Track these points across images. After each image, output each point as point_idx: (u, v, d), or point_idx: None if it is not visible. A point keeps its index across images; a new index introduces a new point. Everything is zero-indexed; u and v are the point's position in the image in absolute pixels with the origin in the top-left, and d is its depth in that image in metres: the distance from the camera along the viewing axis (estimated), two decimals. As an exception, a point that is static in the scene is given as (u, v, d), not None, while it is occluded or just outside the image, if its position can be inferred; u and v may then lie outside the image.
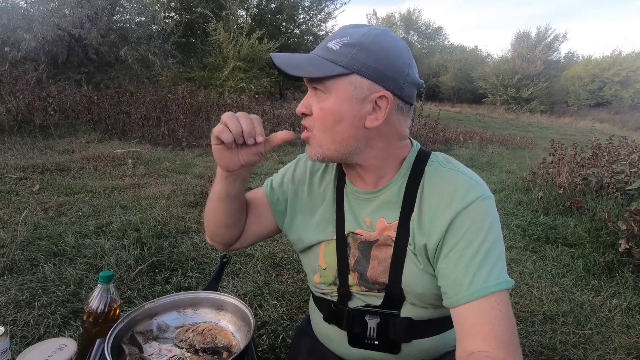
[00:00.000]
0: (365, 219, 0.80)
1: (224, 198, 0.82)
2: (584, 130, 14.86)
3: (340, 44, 0.68)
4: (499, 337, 0.61)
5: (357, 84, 0.68)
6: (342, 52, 0.67)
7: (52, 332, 1.34)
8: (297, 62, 0.70)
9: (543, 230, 2.86)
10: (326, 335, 0.90)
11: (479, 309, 0.64)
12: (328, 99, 0.69)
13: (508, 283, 0.66)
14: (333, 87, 0.68)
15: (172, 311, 0.99)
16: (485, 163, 6.33)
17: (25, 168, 3.29)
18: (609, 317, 1.80)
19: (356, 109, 0.69)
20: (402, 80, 0.70)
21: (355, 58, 0.66)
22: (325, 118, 0.70)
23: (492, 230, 0.69)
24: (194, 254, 2.04)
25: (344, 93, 0.68)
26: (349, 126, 0.70)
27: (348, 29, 0.70)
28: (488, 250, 0.67)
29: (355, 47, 0.67)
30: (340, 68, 0.67)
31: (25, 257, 1.82)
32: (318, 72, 0.67)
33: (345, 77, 0.67)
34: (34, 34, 7.24)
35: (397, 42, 0.71)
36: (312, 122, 0.72)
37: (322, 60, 0.68)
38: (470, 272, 0.66)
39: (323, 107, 0.70)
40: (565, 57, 31.62)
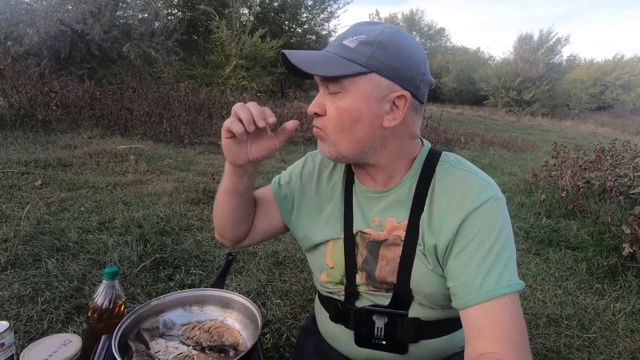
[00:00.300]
0: (374, 218, 0.79)
1: (231, 193, 0.81)
2: (585, 133, 14.86)
3: (357, 42, 0.66)
4: (509, 339, 0.60)
5: (376, 83, 0.67)
6: (360, 50, 0.66)
7: (56, 327, 1.33)
8: (314, 60, 0.67)
9: (546, 233, 2.86)
10: (332, 335, 0.90)
11: (489, 311, 0.63)
12: (345, 98, 0.67)
13: (519, 285, 0.65)
14: (351, 86, 0.66)
15: (178, 308, 0.99)
16: (487, 165, 6.32)
17: (28, 163, 3.28)
18: (613, 321, 1.80)
19: (375, 109, 0.68)
20: (419, 80, 0.70)
21: (373, 56, 0.65)
22: (342, 118, 0.68)
23: (504, 232, 0.68)
24: (197, 251, 2.04)
25: (362, 92, 0.67)
26: (367, 126, 0.69)
27: (362, 26, 0.69)
28: (499, 251, 0.66)
29: (373, 46, 0.65)
30: (359, 67, 0.65)
31: (28, 252, 1.81)
32: (337, 71, 0.65)
33: (364, 75, 0.66)
34: (36, 28, 7.23)
35: (413, 41, 0.70)
36: (326, 123, 0.71)
37: (340, 59, 0.66)
38: (481, 274, 0.65)
39: (340, 107, 0.68)
40: (567, 60, 31.64)
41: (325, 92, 0.70)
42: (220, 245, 2.12)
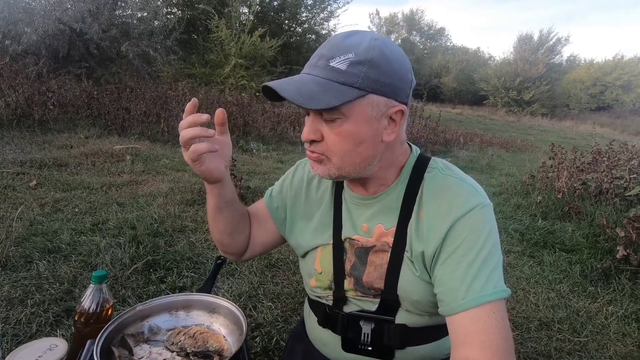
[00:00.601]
0: (363, 224, 0.79)
1: (220, 208, 0.82)
2: (584, 134, 14.87)
3: (347, 63, 0.63)
4: (494, 346, 0.61)
5: (374, 103, 0.65)
6: (352, 72, 0.63)
7: (44, 330, 1.33)
8: (308, 91, 0.63)
9: (541, 235, 2.85)
10: (320, 339, 0.90)
11: (475, 318, 0.63)
12: (345, 123, 0.65)
13: (505, 292, 0.66)
14: (350, 111, 0.64)
15: (164, 313, 0.98)
16: (485, 166, 6.32)
17: (23, 163, 3.28)
18: (605, 325, 1.79)
19: (375, 128, 0.67)
20: (409, 89, 0.70)
21: (368, 77, 0.63)
22: (345, 143, 0.67)
23: (490, 239, 0.68)
24: (189, 253, 2.03)
25: (362, 115, 0.65)
26: (369, 145, 0.68)
27: (344, 41, 0.66)
28: (485, 258, 0.66)
29: (365, 65, 0.63)
30: (357, 90, 0.63)
31: (19, 254, 1.81)
32: (337, 100, 0.62)
33: (363, 98, 0.64)
34: (35, 27, 7.21)
35: (398, 50, 0.69)
36: (325, 149, 0.68)
37: (334, 85, 0.63)
38: (467, 281, 0.65)
39: (341, 132, 0.66)
40: (567, 61, 31.62)
41: (318, 118, 0.67)
42: (213, 247, 2.12)
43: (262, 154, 5.17)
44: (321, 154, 0.69)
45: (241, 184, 3.14)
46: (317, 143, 0.69)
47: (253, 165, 4.39)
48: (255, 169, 4.21)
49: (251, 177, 3.82)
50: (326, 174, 0.71)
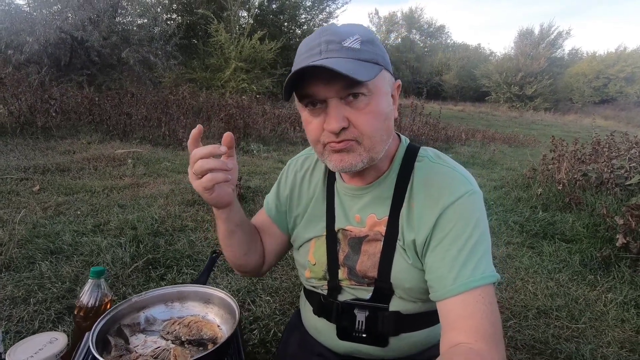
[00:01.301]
0: (356, 215, 0.80)
1: (232, 231, 0.83)
2: (588, 127, 14.73)
3: (358, 42, 0.65)
4: (481, 330, 0.62)
5: (387, 78, 0.70)
6: (366, 50, 0.66)
7: (47, 327, 1.36)
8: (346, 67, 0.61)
9: (541, 226, 2.85)
10: (315, 328, 0.91)
11: (463, 303, 0.65)
12: (372, 100, 0.67)
13: (493, 277, 0.67)
14: (374, 86, 0.66)
15: (160, 304, 1.00)
16: (487, 161, 6.31)
17: (27, 169, 3.33)
18: (604, 312, 1.79)
19: (390, 102, 0.71)
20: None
21: (378, 54, 0.67)
22: (378, 120, 0.68)
23: (479, 226, 0.70)
24: (189, 251, 2.06)
25: (382, 89, 0.68)
26: (391, 120, 0.72)
27: (342, 27, 0.68)
28: (474, 245, 0.68)
29: (371, 44, 0.67)
30: (377, 66, 0.66)
31: (22, 255, 1.84)
32: (372, 74, 0.64)
33: (380, 73, 0.67)
34: (36, 36, 7.32)
35: None
36: (356, 133, 0.67)
37: (358, 62, 0.64)
38: (456, 267, 0.67)
39: (370, 110, 0.66)
40: (569, 54, 31.45)
41: (339, 103, 0.66)
42: (213, 245, 2.14)
43: (262, 154, 5.20)
44: (351, 139, 0.67)
45: (241, 184, 3.16)
46: (345, 131, 0.66)
47: (253, 165, 4.42)
48: (255, 169, 4.23)
49: (251, 177, 3.85)
50: (358, 161, 0.69)
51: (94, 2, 8.04)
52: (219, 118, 6.29)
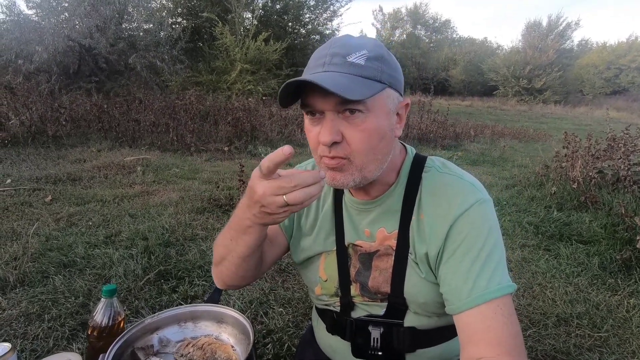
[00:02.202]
0: (365, 229, 0.79)
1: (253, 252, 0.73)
2: (600, 119, 14.45)
3: (364, 58, 0.64)
4: (502, 343, 0.60)
5: (391, 97, 0.68)
6: (371, 66, 0.64)
7: (61, 344, 1.36)
8: (341, 84, 0.60)
9: (557, 227, 2.79)
10: (329, 346, 0.90)
11: (481, 315, 0.63)
12: (368, 117, 0.64)
13: (510, 288, 0.65)
14: (373, 104, 0.64)
15: (173, 325, 0.99)
16: (497, 158, 6.22)
17: (39, 179, 3.37)
18: (627, 318, 1.74)
19: (391, 122, 0.69)
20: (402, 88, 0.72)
21: (384, 71, 0.65)
22: (371, 139, 0.65)
23: (492, 235, 0.68)
24: (200, 261, 2.05)
25: (383, 108, 0.66)
26: (388, 141, 0.69)
27: (352, 41, 0.67)
28: (488, 255, 0.66)
29: (379, 60, 0.65)
30: (379, 84, 0.64)
31: (36, 269, 1.85)
32: (369, 92, 0.62)
33: (383, 91, 0.65)
34: (45, 46, 7.42)
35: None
36: (348, 150, 0.65)
37: (358, 78, 0.63)
38: (470, 279, 0.65)
39: (365, 128, 0.64)
40: (578, 45, 30.86)
41: (335, 117, 0.64)
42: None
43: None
44: (343, 157, 0.65)
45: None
46: (338, 145, 0.64)
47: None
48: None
49: (260, 182, 3.84)
50: (349, 181, 0.67)
51: (100, 10, 8.12)
52: (226, 122, 6.30)
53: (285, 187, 0.57)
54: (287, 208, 0.58)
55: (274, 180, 0.58)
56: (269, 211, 0.60)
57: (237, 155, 5.22)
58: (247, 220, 0.66)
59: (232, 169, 4.27)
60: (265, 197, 0.58)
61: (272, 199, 0.58)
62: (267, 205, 0.59)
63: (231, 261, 0.77)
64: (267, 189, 0.58)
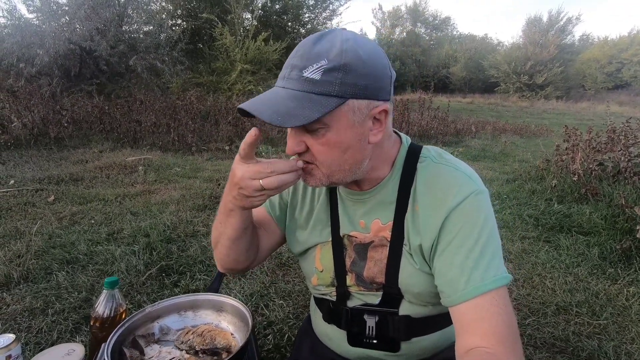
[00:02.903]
0: (360, 220, 0.79)
1: (242, 234, 0.78)
2: (602, 114, 14.37)
3: (321, 72, 0.60)
4: (497, 333, 0.61)
5: (355, 109, 0.63)
6: (328, 80, 0.60)
7: (65, 337, 1.38)
8: (285, 109, 0.60)
9: (557, 219, 2.79)
10: (326, 335, 0.91)
11: (477, 307, 0.63)
12: (328, 133, 0.63)
13: (505, 279, 0.65)
14: (331, 119, 0.62)
15: (173, 314, 1.01)
16: (498, 153, 6.20)
17: (42, 180, 3.40)
18: (626, 306, 1.74)
19: (359, 132, 0.65)
20: (389, 85, 0.67)
21: (344, 83, 0.61)
22: (332, 152, 0.65)
23: (487, 226, 0.68)
24: (202, 256, 2.07)
25: (344, 122, 0.63)
26: (357, 150, 0.67)
27: (315, 47, 0.62)
28: (483, 247, 0.66)
29: (339, 71, 0.60)
30: (335, 99, 0.60)
31: (39, 266, 1.88)
32: (316, 113, 0.59)
33: (342, 105, 0.62)
34: (46, 49, 7.46)
35: (372, 47, 0.65)
36: (313, 158, 0.67)
37: (311, 96, 0.60)
38: (466, 271, 0.65)
39: (325, 142, 0.64)
40: (579, 40, 30.64)
41: (300, 130, 0.65)
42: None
43: (271, 156, 5.22)
44: (309, 162, 0.67)
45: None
46: (304, 153, 0.67)
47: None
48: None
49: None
50: (318, 184, 0.70)
51: (100, 12, 8.16)
52: (226, 121, 6.32)
53: (262, 172, 0.62)
54: (263, 192, 0.64)
55: (253, 164, 0.64)
56: (246, 194, 0.65)
57: (238, 154, 5.23)
58: (229, 203, 0.70)
59: (233, 167, 4.28)
60: (243, 180, 0.63)
61: (250, 182, 0.63)
62: (244, 187, 0.64)
63: (223, 244, 0.81)
64: (246, 172, 0.63)
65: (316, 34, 0.64)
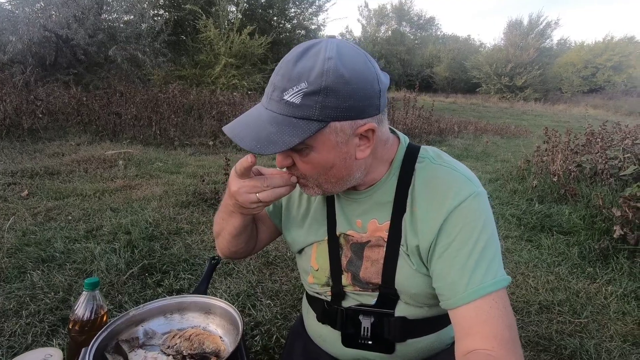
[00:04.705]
0: (357, 220, 0.78)
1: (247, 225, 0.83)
2: (577, 116, 14.89)
3: (301, 95, 0.58)
4: (498, 336, 0.60)
5: (337, 130, 0.62)
6: (307, 104, 0.59)
7: (40, 340, 1.31)
8: (266, 135, 0.60)
9: (538, 219, 2.86)
10: (320, 335, 0.89)
11: (477, 310, 0.63)
12: (312, 152, 0.64)
13: (505, 281, 0.65)
14: (314, 141, 0.62)
15: (159, 317, 0.97)
16: (480, 153, 6.33)
17: (14, 173, 3.24)
18: (605, 304, 1.80)
19: (344, 151, 0.64)
20: (377, 99, 0.64)
21: (325, 106, 0.59)
22: (317, 169, 0.66)
23: (486, 228, 0.67)
24: (186, 255, 2.02)
25: (326, 144, 0.63)
26: (342, 167, 0.67)
27: (295, 68, 0.59)
28: (483, 249, 0.66)
29: (320, 94, 0.58)
30: (316, 123, 0.59)
31: (12, 265, 1.78)
32: (296, 138, 0.59)
33: (324, 128, 0.61)
34: (20, 35, 7.13)
35: (356, 63, 0.61)
36: (301, 173, 0.69)
37: (291, 120, 0.59)
38: (466, 273, 0.65)
39: (309, 161, 0.65)
40: (558, 44, 31.60)
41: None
42: (210, 248, 2.10)
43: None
44: (299, 176, 0.70)
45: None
46: (292, 167, 0.69)
47: (247, 164, 4.37)
48: (250, 167, 4.18)
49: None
50: (313, 194, 0.73)
51: (78, -1, 7.85)
52: (210, 116, 6.20)
53: (258, 187, 0.68)
54: (260, 203, 0.70)
55: (249, 179, 0.69)
56: (243, 205, 0.70)
57: (223, 150, 5.15)
58: (229, 206, 0.76)
59: (218, 163, 4.21)
60: (239, 194, 0.69)
61: (247, 196, 0.69)
62: (241, 201, 0.70)
63: (224, 237, 0.86)
64: (242, 187, 0.68)
65: (301, 48, 0.62)
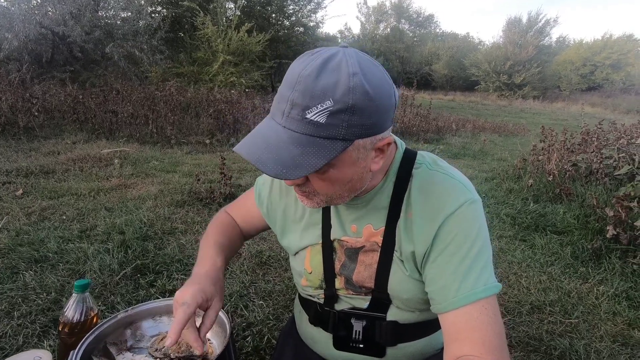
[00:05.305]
0: (352, 225, 0.78)
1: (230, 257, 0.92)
2: (575, 114, 14.90)
3: (326, 114, 0.55)
4: (487, 343, 0.61)
5: (360, 147, 0.60)
6: (333, 123, 0.55)
7: (32, 342, 1.32)
8: (289, 157, 0.56)
9: (532, 219, 2.86)
10: (311, 337, 0.90)
11: (467, 315, 0.64)
12: (331, 169, 0.62)
13: (496, 288, 0.66)
14: (335, 160, 0.59)
15: (147, 319, 0.97)
16: (478, 151, 6.33)
17: (9, 172, 3.23)
18: (596, 305, 1.81)
19: (362, 166, 0.64)
20: (392, 112, 0.64)
21: (352, 124, 0.56)
22: (334, 186, 0.65)
23: (480, 236, 0.68)
24: (179, 255, 2.02)
25: (347, 161, 0.61)
26: (357, 180, 0.66)
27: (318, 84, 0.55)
28: (476, 256, 0.66)
29: (347, 113, 0.55)
30: (341, 143, 0.57)
31: (5, 265, 1.78)
32: (323, 160, 0.56)
33: (347, 149, 0.59)
34: (15, 33, 7.07)
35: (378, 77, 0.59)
36: (312, 189, 0.66)
37: (315, 140, 0.56)
38: (457, 279, 0.65)
39: (327, 178, 0.63)
40: (556, 42, 31.62)
41: None
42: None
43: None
44: (309, 193, 0.67)
45: (232, 182, 3.11)
46: (303, 185, 0.66)
47: (244, 162, 4.36)
48: (246, 166, 4.18)
49: (242, 175, 3.80)
50: (315, 205, 0.69)
51: (74, -4, 7.79)
52: (207, 114, 6.18)
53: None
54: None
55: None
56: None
57: (219, 148, 5.14)
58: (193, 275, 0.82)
59: (214, 161, 4.20)
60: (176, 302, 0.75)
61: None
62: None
63: None
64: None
65: (319, 60, 0.56)
